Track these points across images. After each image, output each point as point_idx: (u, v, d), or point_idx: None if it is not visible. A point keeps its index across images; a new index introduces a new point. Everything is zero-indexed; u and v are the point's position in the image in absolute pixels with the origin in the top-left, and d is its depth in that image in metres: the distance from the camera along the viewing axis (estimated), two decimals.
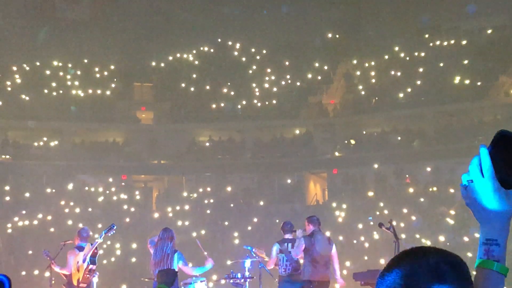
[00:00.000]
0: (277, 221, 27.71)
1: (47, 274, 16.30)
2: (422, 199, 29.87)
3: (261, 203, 31.06)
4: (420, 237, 27.76)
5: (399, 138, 33.59)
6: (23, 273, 26.10)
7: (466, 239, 25.03)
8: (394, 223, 25.07)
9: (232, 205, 31.21)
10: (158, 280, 11.43)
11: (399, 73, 34.99)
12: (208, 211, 30.29)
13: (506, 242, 2.23)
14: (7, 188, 30.63)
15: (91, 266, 13.38)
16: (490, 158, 2.26)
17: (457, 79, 33.58)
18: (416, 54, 35.50)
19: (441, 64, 34.34)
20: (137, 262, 26.62)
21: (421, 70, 34.58)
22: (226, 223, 29.22)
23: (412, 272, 1.90)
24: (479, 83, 33.42)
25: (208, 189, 32.19)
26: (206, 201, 31.22)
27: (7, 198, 30.11)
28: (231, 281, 14.48)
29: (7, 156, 32.75)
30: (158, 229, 27.28)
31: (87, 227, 15.12)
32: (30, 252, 26.95)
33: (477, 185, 2.28)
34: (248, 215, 30.06)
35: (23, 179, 30.92)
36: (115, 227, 13.59)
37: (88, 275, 13.40)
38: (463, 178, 2.35)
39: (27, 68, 35.28)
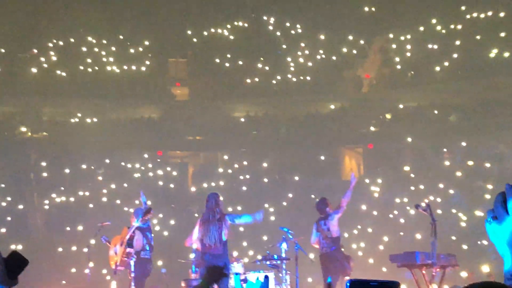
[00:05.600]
0: (313, 196, 27.76)
1: (85, 250, 16.51)
2: (458, 174, 29.69)
3: (296, 178, 31.08)
4: (456, 211, 27.68)
5: (435, 112, 33.31)
6: (60, 249, 26.40)
7: None
8: (431, 197, 25.05)
9: (267, 180, 31.29)
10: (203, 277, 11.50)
11: (435, 47, 34.57)
12: (244, 187, 30.37)
13: None
14: (43, 164, 30.95)
15: (128, 249, 13.52)
16: None
17: (494, 52, 33.14)
18: (452, 27, 34.99)
19: (478, 37, 33.86)
20: (174, 237, 26.76)
21: (458, 43, 34.12)
22: (266, 205, 29.26)
23: None
24: None
25: (245, 163, 32.25)
26: (241, 177, 31.30)
27: (44, 174, 30.45)
28: (268, 262, 14.53)
29: (44, 133, 33.04)
30: (194, 205, 27.59)
31: (141, 208, 15.24)
32: (68, 228, 27.23)
33: (501, 222, 2.25)
34: (283, 190, 30.12)
35: (59, 156, 31.20)
36: (152, 211, 13.71)
37: (125, 258, 13.54)
38: (488, 214, 2.32)
39: (62, 44, 35.38)
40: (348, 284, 2.10)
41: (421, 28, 35.44)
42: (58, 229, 27.44)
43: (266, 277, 3.22)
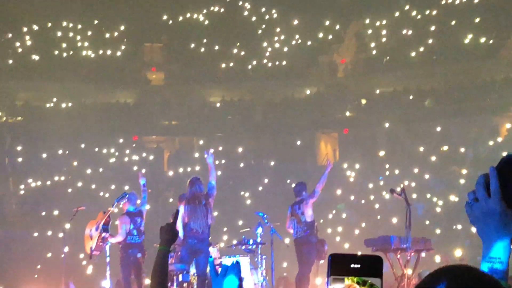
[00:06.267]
0: (288, 181, 27.81)
1: (60, 235, 16.47)
2: (433, 158, 29.84)
3: (272, 163, 31.12)
4: (431, 196, 27.80)
5: (410, 97, 33.47)
6: (36, 234, 26.26)
7: None
8: (406, 182, 25.13)
9: (242, 165, 31.29)
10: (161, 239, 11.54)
11: (410, 32, 34.70)
12: (219, 172, 30.35)
13: (508, 260, 2.24)
14: (19, 148, 30.77)
15: (104, 234, 13.46)
16: (498, 179, 2.25)
17: (469, 37, 33.30)
18: (427, 12, 35.12)
19: (453, 22, 34.04)
20: (150, 222, 26.69)
21: (432, 28, 34.27)
22: (242, 190, 29.27)
23: None
24: (491, 41, 33.15)
25: (220, 148, 32.23)
26: (217, 162, 31.24)
27: (20, 159, 30.28)
28: (243, 247, 14.54)
29: (19, 118, 32.87)
30: (170, 190, 27.52)
31: (134, 191, 15.21)
32: (43, 213, 27.08)
33: (483, 204, 2.28)
34: (259, 175, 30.14)
35: (34, 140, 31.03)
36: (127, 196, 13.70)
37: (101, 243, 13.50)
38: (469, 196, 2.34)
39: (37, 29, 35.15)
40: (330, 257, 2.13)
41: (397, 14, 35.55)
42: (33, 214, 27.29)
43: (237, 263, 3.19)
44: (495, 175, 2.24)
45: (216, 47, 35.80)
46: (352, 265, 2.13)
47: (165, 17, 36.57)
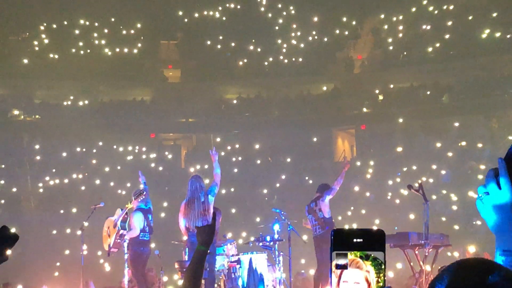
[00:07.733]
0: (306, 178, 27.78)
1: (79, 232, 16.53)
2: (450, 154, 29.71)
3: (289, 160, 31.08)
4: (447, 192, 27.68)
5: (428, 92, 33.33)
6: (54, 231, 26.40)
7: None
8: (424, 178, 25.02)
9: (259, 162, 31.28)
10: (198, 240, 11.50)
11: (427, 27, 34.55)
12: (236, 169, 30.35)
13: None
14: (36, 146, 30.93)
15: (121, 231, 13.52)
16: (507, 170, 2.24)
17: (486, 32, 33.13)
18: (444, 7, 34.97)
19: (470, 17, 33.88)
20: (167, 219, 26.80)
21: (449, 23, 34.11)
22: (259, 189, 29.24)
23: None
24: (508, 36, 32.96)
25: (237, 145, 32.28)
26: (234, 159, 31.30)
27: (37, 157, 30.42)
28: (260, 244, 14.53)
29: (36, 116, 33.00)
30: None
31: (141, 188, 15.31)
32: (62, 211, 27.21)
33: (493, 197, 2.26)
34: (275, 172, 30.12)
35: (52, 138, 31.15)
36: (144, 192, 13.75)
37: (119, 240, 13.55)
38: (479, 190, 2.33)
39: (54, 27, 35.26)
40: (332, 233, 2.15)
41: (413, 9, 35.41)
42: (51, 212, 27.42)
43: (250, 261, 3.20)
44: (504, 166, 2.23)
45: (233, 44, 35.79)
46: (354, 240, 2.14)
47: (181, 14, 36.60)
